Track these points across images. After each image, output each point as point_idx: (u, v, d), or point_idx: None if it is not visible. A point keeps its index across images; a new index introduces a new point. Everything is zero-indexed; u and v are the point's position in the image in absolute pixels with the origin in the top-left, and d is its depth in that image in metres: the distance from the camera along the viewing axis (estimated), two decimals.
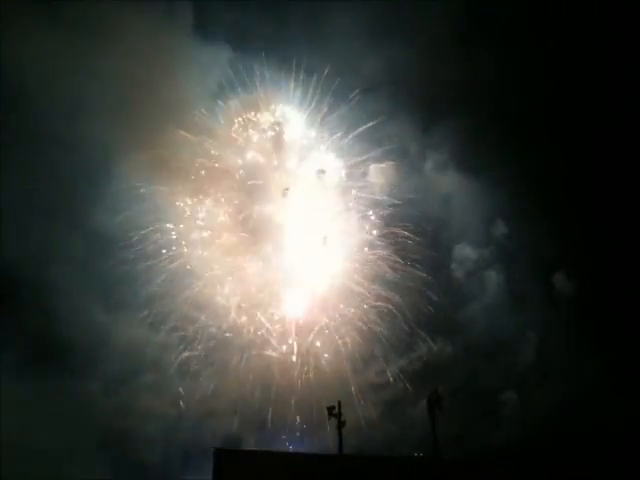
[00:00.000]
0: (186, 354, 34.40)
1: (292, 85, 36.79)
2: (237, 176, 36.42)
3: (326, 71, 35.97)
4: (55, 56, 33.10)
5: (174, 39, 35.24)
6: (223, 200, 35.68)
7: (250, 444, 33.40)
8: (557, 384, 34.34)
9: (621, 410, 32.15)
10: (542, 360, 35.09)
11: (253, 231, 35.18)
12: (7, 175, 33.18)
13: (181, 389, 34.32)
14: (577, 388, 33.62)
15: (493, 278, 36.17)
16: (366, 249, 36.46)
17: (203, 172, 35.74)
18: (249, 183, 36.28)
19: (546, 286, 36.31)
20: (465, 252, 36.24)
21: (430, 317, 34.88)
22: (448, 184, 37.01)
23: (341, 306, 35.42)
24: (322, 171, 37.33)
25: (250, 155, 36.95)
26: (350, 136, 37.10)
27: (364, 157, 37.25)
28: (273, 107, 37.49)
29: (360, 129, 36.81)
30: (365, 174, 37.50)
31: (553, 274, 36.38)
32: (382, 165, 37.27)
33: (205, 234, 35.38)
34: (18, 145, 33.69)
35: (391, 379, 34.61)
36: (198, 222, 35.58)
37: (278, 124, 37.40)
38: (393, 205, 36.71)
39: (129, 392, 34.22)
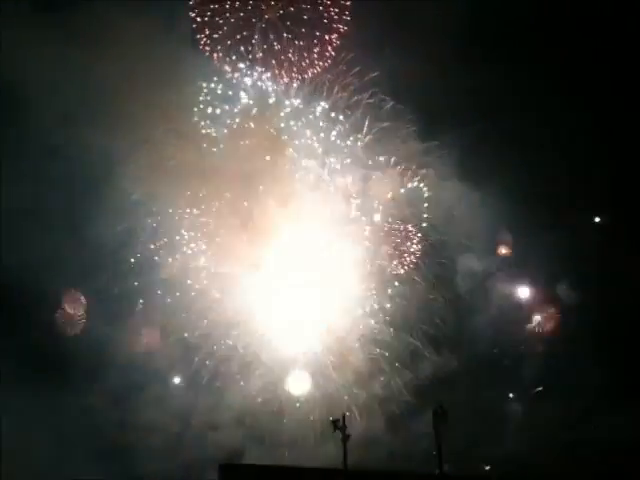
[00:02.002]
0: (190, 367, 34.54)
1: (292, 92, 36.70)
2: (239, 183, 36.09)
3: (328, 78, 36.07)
4: (56, 65, 32.90)
5: (174, 46, 35.04)
6: (224, 209, 35.43)
7: (254, 457, 33.50)
8: (562, 397, 34.37)
9: (625, 424, 32.18)
10: (547, 372, 34.97)
11: (255, 243, 35.03)
12: (8, 186, 33.27)
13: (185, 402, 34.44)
14: (581, 401, 33.77)
15: (497, 289, 36.07)
16: (368, 260, 36.33)
17: (205, 179, 35.54)
18: (252, 190, 36.01)
19: (550, 296, 36.20)
20: (469, 263, 36.06)
21: (435, 329, 34.87)
22: (451, 194, 36.72)
23: (344, 319, 35.40)
24: (323, 180, 37.15)
25: (251, 162, 36.62)
26: (352, 146, 36.96)
27: (367, 166, 37.11)
28: (274, 113, 37.19)
29: (362, 138, 36.72)
30: (368, 183, 37.27)
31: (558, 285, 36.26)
32: (385, 175, 37.09)
33: (206, 245, 35.25)
34: (19, 155, 33.74)
35: (396, 392, 34.67)
36: (199, 232, 35.44)
37: (279, 130, 37.09)
38: (396, 216, 36.57)
39: (132, 405, 34.32)
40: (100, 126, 32.64)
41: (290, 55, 35.35)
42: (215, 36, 34.90)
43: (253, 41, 34.81)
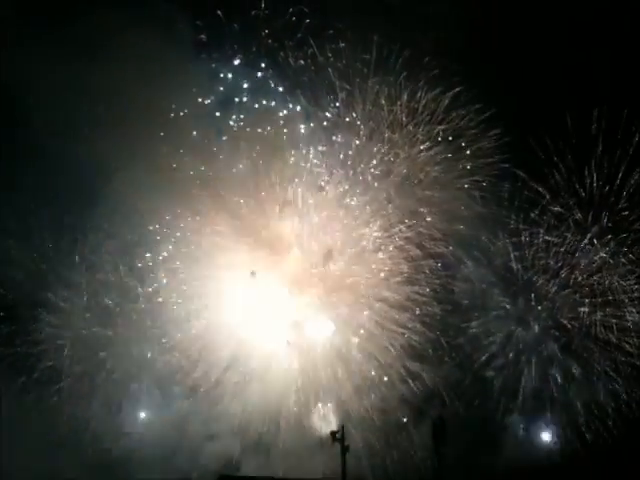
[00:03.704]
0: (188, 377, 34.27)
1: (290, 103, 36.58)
2: (237, 194, 35.90)
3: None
4: (52, 73, 32.69)
5: (174, 54, 34.89)
6: (222, 222, 35.23)
7: (251, 468, 33.33)
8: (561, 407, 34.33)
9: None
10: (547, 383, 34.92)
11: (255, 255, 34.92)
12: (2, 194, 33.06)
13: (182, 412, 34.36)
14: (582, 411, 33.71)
15: (497, 298, 35.93)
16: (367, 268, 36.15)
17: (202, 191, 35.32)
18: (251, 200, 35.83)
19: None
20: (468, 272, 35.94)
21: (432, 340, 34.72)
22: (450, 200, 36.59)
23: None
24: (321, 188, 36.95)
25: (250, 171, 36.41)
26: (350, 152, 36.84)
27: (365, 173, 36.95)
28: (274, 120, 37.01)
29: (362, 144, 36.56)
30: (367, 190, 37.15)
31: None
32: (383, 180, 36.98)
33: (204, 257, 35.00)
34: (13, 163, 33.51)
35: (395, 404, 34.43)
36: (197, 243, 35.21)
37: (279, 138, 36.92)
38: (393, 221, 36.44)
39: (129, 415, 34.19)
40: (93, 135, 32.45)
41: None
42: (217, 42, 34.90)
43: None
